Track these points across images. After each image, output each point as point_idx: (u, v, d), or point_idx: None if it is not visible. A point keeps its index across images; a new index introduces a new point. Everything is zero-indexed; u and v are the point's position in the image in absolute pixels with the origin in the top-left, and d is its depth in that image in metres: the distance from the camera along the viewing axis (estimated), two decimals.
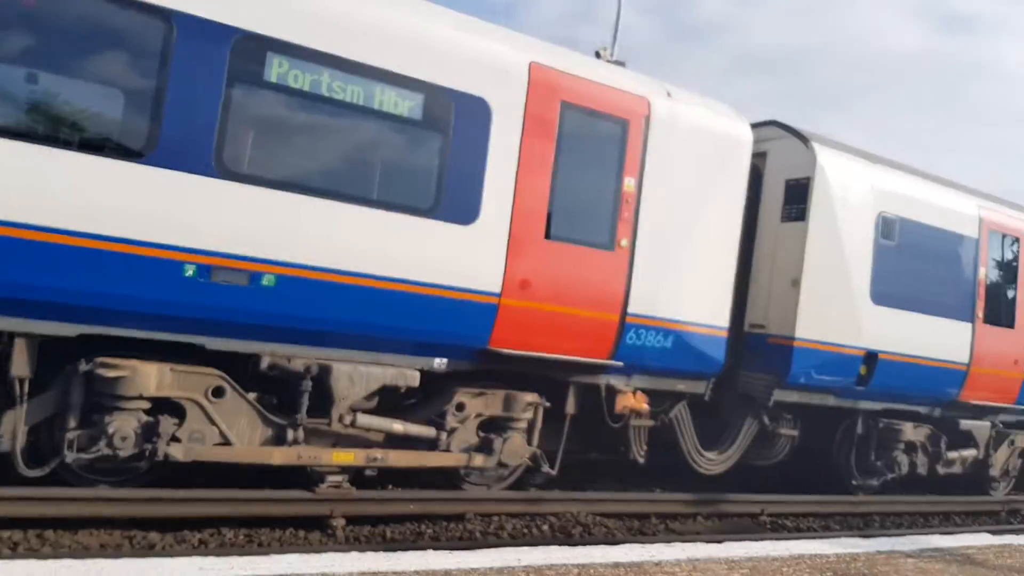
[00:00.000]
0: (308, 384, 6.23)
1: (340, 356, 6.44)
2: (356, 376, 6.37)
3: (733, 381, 9.14)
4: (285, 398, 6.40)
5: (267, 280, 5.91)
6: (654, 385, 8.09)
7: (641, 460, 8.33)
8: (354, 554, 3.96)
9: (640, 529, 7.81)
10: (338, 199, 6.13)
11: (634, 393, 8.00)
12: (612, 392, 7.88)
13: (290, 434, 6.29)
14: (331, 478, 6.56)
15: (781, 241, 9.12)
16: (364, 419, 6.55)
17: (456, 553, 4.20)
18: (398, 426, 6.76)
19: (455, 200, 6.61)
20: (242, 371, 6.27)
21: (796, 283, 8.81)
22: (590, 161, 7.37)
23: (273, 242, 5.89)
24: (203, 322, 5.85)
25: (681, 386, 8.28)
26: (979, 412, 10.78)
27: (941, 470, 10.56)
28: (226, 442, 6.09)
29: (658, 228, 7.71)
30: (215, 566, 3.52)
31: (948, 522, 10.27)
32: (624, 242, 7.51)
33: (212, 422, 6.03)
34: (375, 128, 6.40)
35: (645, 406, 8.04)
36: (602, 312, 7.42)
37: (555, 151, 7.12)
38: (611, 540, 7.08)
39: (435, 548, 5.42)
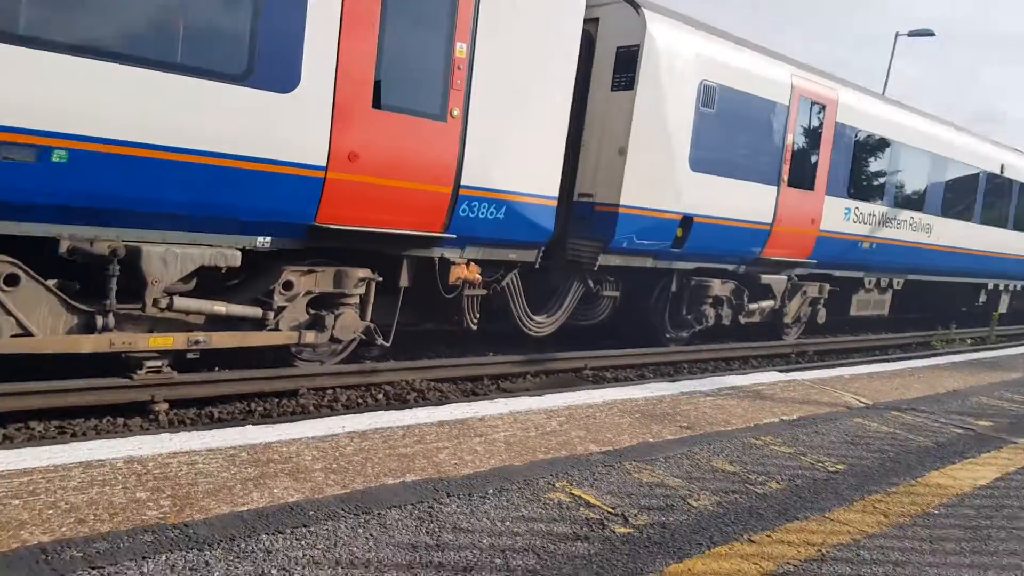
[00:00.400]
0: (115, 268, 5.86)
1: (152, 237, 6.11)
2: (170, 257, 6.10)
3: (561, 248, 9.58)
4: (94, 284, 6.07)
5: (58, 156, 5.39)
6: (487, 256, 8.32)
7: (474, 327, 8.69)
8: (164, 435, 3.93)
9: (473, 391, 8.28)
10: (137, 64, 5.61)
11: (467, 264, 8.22)
12: (446, 264, 8.03)
13: (100, 321, 5.96)
14: (150, 364, 6.36)
15: (610, 110, 9.31)
16: (182, 302, 6.34)
17: (277, 426, 4.28)
18: (220, 307, 6.60)
19: (271, 65, 6.23)
20: (40, 257, 5.80)
21: (623, 152, 9.15)
22: (419, 25, 7.11)
23: (63, 113, 5.33)
24: None
25: (513, 255, 8.57)
26: (778, 267, 11.95)
27: (743, 320, 11.73)
28: (27, 333, 5.72)
29: (491, 98, 7.65)
30: (4, 459, 3.43)
31: (747, 365, 11.53)
32: (456, 112, 7.45)
33: (7, 312, 5.61)
34: None
35: (478, 276, 8.29)
36: (435, 185, 7.42)
37: (381, 13, 6.81)
38: (440, 402, 7.50)
39: (254, 423, 5.50)
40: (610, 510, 3.65)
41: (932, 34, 27.77)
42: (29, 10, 5.22)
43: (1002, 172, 17.20)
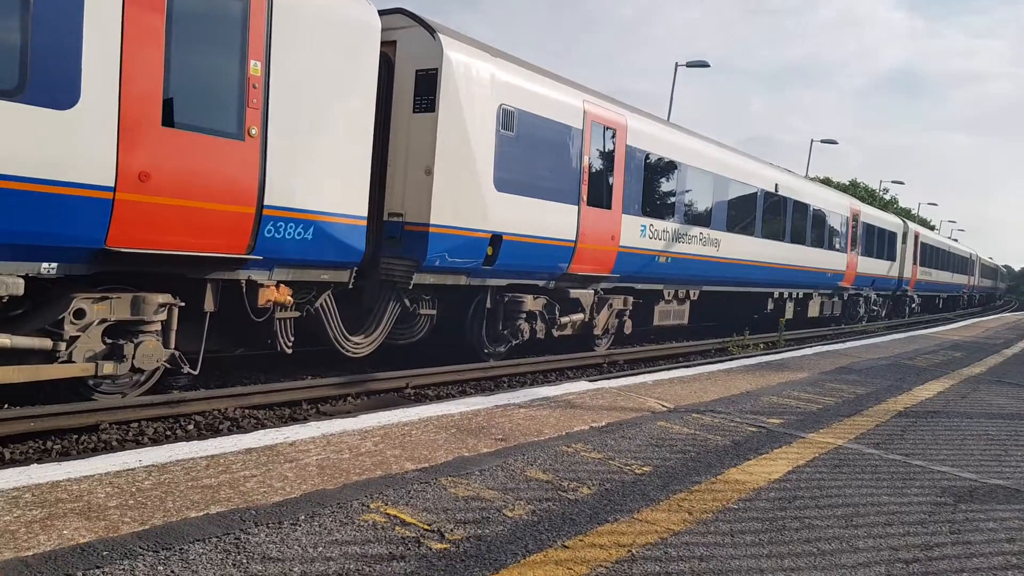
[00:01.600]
0: None
1: None
2: None
3: (375, 268, 9.57)
4: None
5: None
6: (297, 276, 8.17)
7: (289, 351, 8.47)
8: None
9: (292, 416, 8.03)
10: None
11: (277, 286, 8.01)
12: (254, 287, 7.81)
13: None
14: None
15: (414, 131, 9.51)
16: None
17: (65, 463, 3.96)
18: (4, 339, 6.04)
19: (46, 80, 5.81)
20: None
21: (429, 172, 9.33)
22: (210, 42, 6.91)
23: None
24: None
25: (325, 276, 8.46)
26: (584, 282, 12.60)
27: (556, 333, 12.25)
28: None
29: (291, 116, 7.59)
30: None
31: (563, 376, 12.01)
32: (254, 131, 7.29)
33: None
34: None
35: (289, 299, 8.11)
36: (236, 205, 7.21)
37: (167, 27, 6.54)
38: (251, 429, 7.23)
39: (42, 462, 5.06)
40: (426, 527, 3.69)
41: (707, 65, 30.46)
42: None
43: (777, 191, 19.16)
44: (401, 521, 3.73)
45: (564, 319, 12.28)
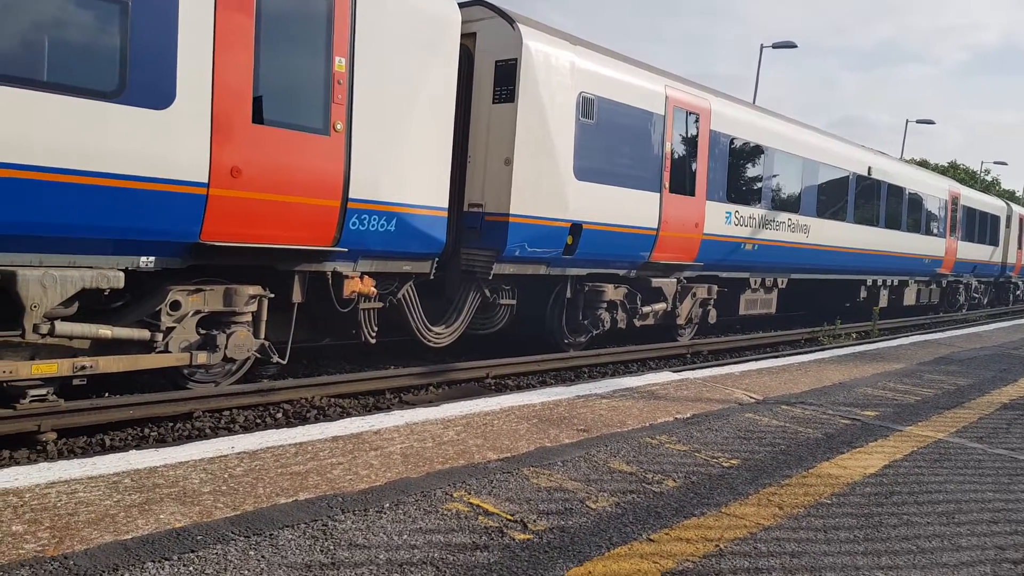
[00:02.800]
0: None
1: (28, 261, 5.84)
2: (48, 281, 5.83)
3: (456, 258, 9.64)
4: None
5: None
6: (380, 268, 8.30)
7: (372, 341, 8.62)
8: (42, 464, 3.74)
9: (376, 405, 8.19)
10: (4, 83, 5.36)
11: (361, 277, 8.16)
12: (339, 278, 7.97)
13: None
14: (34, 392, 6.08)
15: (494, 122, 9.52)
16: (64, 327, 6.07)
17: (163, 450, 4.12)
18: (105, 331, 6.35)
19: (144, 82, 6.05)
20: None
21: (509, 162, 9.33)
22: (296, 40, 7.07)
23: None
24: None
25: (407, 267, 8.57)
26: (667, 270, 12.38)
27: (638, 323, 12.09)
28: None
29: (374, 111, 7.70)
30: None
31: (645, 367, 11.85)
32: (339, 126, 7.42)
33: None
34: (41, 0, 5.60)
35: (372, 289, 8.25)
36: (322, 199, 7.36)
37: (256, 27, 6.73)
38: (336, 417, 7.39)
39: (140, 448, 5.29)
40: (509, 517, 3.68)
41: (794, 46, 29.44)
42: None
43: (869, 174, 18.38)
44: (484, 511, 3.73)
45: (646, 308, 12.10)
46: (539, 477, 4.29)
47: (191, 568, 2.89)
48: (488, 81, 9.58)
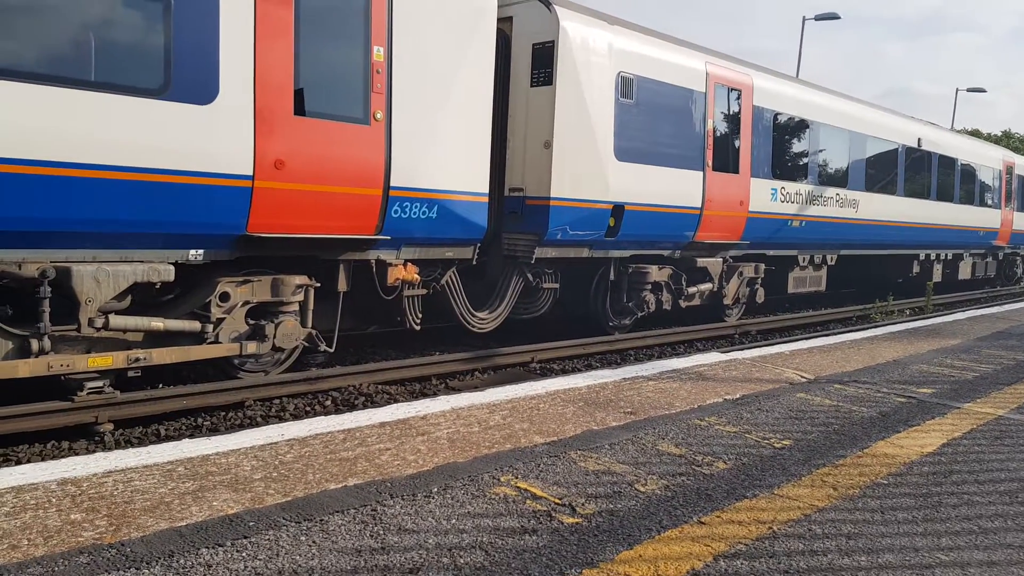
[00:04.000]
0: (47, 290, 5.77)
1: (82, 256, 6.00)
2: (102, 276, 5.98)
3: (498, 243, 9.63)
4: (25, 308, 5.92)
5: None
6: (423, 255, 8.33)
7: (417, 328, 8.67)
8: (99, 454, 3.84)
9: (422, 391, 8.25)
10: (52, 83, 5.50)
11: (404, 265, 8.20)
12: (383, 266, 8.02)
13: (35, 345, 5.85)
14: (91, 385, 6.26)
15: (532, 105, 9.46)
16: (118, 320, 6.22)
17: (214, 438, 4.21)
18: (158, 323, 6.49)
19: (188, 78, 6.15)
20: None
21: (548, 145, 9.26)
22: (334, 31, 7.11)
23: None
24: None
25: (449, 253, 8.59)
26: (712, 250, 12.20)
27: (683, 304, 11.95)
28: None
29: (413, 99, 7.70)
30: None
31: (692, 348, 11.73)
32: (379, 115, 7.45)
33: None
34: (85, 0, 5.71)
35: (416, 276, 8.28)
36: (364, 188, 7.41)
37: (295, 20, 6.78)
38: (384, 404, 7.46)
39: (194, 437, 5.41)
40: (557, 501, 3.67)
41: (838, 17, 28.64)
42: None
43: (919, 146, 17.84)
44: (532, 495, 3.72)
45: (691, 289, 11.95)
46: (586, 460, 4.27)
47: (244, 554, 2.94)
48: (526, 64, 9.51)
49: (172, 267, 6.40)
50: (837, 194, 14.64)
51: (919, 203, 17.78)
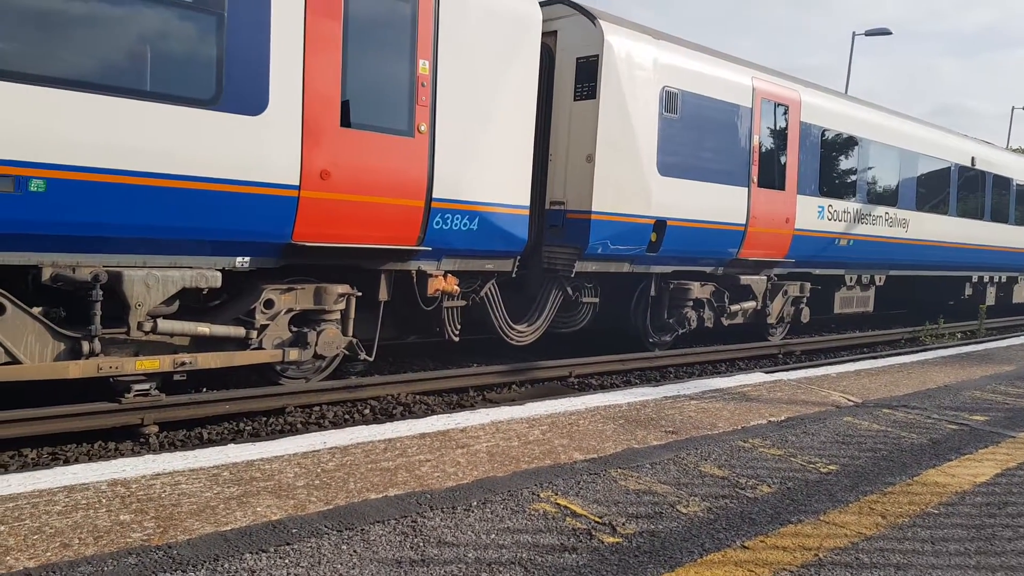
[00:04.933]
0: (99, 293, 5.91)
1: (132, 261, 6.14)
2: (151, 281, 6.11)
3: (537, 256, 9.62)
4: (77, 310, 6.07)
5: (36, 185, 5.43)
6: (463, 266, 8.35)
7: (456, 339, 8.69)
8: (147, 456, 3.91)
9: (459, 403, 8.24)
10: (109, 93, 5.66)
11: (444, 276, 8.23)
12: (423, 277, 8.06)
13: (86, 347, 6.00)
14: (138, 387, 6.38)
15: (575, 119, 9.45)
16: (166, 324, 6.34)
17: (259, 444, 4.26)
18: (204, 328, 6.60)
19: (239, 89, 6.28)
20: (23, 285, 5.88)
21: (590, 159, 9.24)
22: (381, 44, 7.20)
23: (39, 143, 5.38)
24: None
25: (489, 265, 8.60)
26: (756, 267, 12.03)
27: (726, 322, 11.78)
28: (14, 361, 5.74)
29: (457, 112, 7.75)
30: None
31: (734, 368, 11.55)
32: (423, 127, 7.51)
33: None
34: (140, 12, 5.86)
35: (456, 288, 8.31)
36: (407, 199, 7.46)
37: (343, 33, 6.89)
38: (425, 414, 7.48)
39: (237, 442, 5.47)
40: (597, 519, 3.63)
41: (889, 32, 28.15)
42: (1, 44, 5.23)
43: (973, 164, 17.42)
44: (572, 512, 3.68)
45: (734, 307, 11.79)
46: (627, 479, 4.22)
47: (287, 560, 2.95)
48: (569, 78, 9.52)
49: (219, 273, 6.51)
50: (886, 213, 14.35)
51: (972, 223, 17.35)
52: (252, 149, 6.37)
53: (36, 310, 5.87)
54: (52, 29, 5.48)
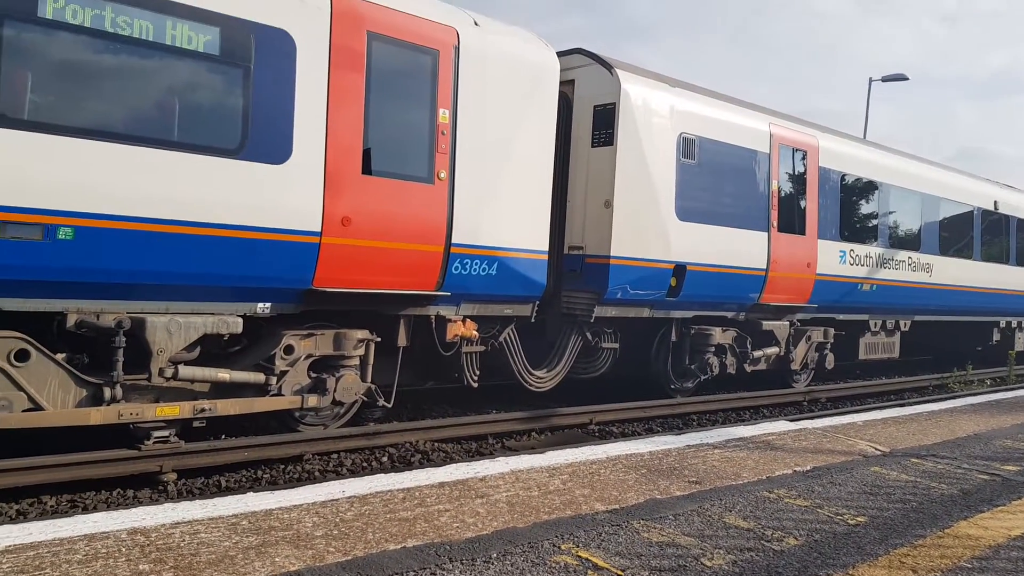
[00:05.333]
0: (121, 340, 5.95)
1: (155, 308, 6.19)
2: (173, 327, 6.15)
3: (556, 301, 9.60)
4: (99, 356, 6.11)
5: (64, 233, 5.53)
6: (482, 312, 8.35)
7: (475, 385, 8.64)
8: (167, 505, 3.89)
9: (478, 450, 8.16)
10: (136, 143, 5.78)
11: (463, 321, 8.22)
12: (442, 322, 8.06)
13: (107, 393, 6.02)
14: (157, 434, 6.37)
15: (593, 165, 9.52)
16: (186, 371, 6.36)
17: (277, 492, 4.22)
18: (224, 375, 6.61)
19: (263, 139, 6.39)
20: (48, 330, 5.94)
21: (609, 204, 9.28)
22: (402, 94, 7.33)
23: (67, 192, 5.49)
24: None
25: (508, 310, 8.59)
26: (778, 312, 11.92)
27: (749, 368, 11.65)
28: (37, 407, 5.77)
29: (475, 159, 7.84)
30: (9, 534, 3.38)
31: (758, 415, 11.39)
32: (443, 174, 7.59)
33: (18, 387, 5.66)
34: (169, 66, 6.02)
35: (475, 333, 8.29)
36: (426, 245, 7.51)
37: (365, 84, 7.03)
38: (443, 462, 7.40)
39: (255, 490, 5.43)
40: (619, 572, 3.55)
41: (905, 78, 28.19)
42: (29, 96, 5.37)
43: (996, 208, 17.29)
44: (593, 565, 3.60)
45: (757, 353, 11.66)
46: (650, 531, 4.13)
47: None
48: (587, 125, 9.61)
49: (240, 319, 6.54)
50: (909, 257, 14.23)
51: (997, 268, 17.14)
52: (275, 197, 6.46)
53: (60, 356, 5.92)
54: (82, 81, 5.62)
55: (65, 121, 5.51)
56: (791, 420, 8.49)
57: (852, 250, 12.78)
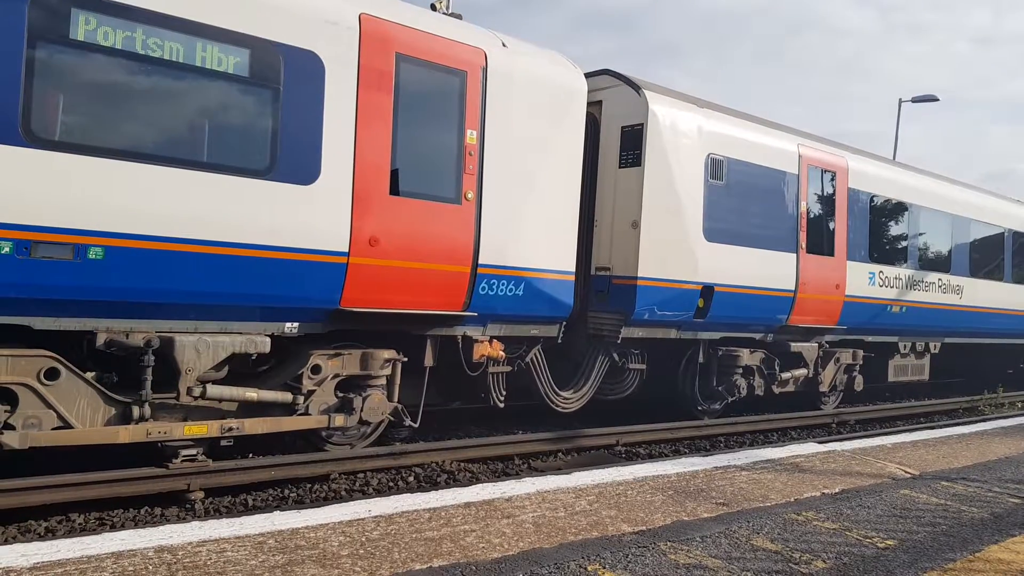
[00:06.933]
0: (150, 358, 6.02)
1: (184, 327, 6.27)
2: (202, 346, 6.22)
3: (583, 322, 9.58)
4: (128, 374, 6.19)
5: (94, 253, 5.63)
6: (509, 332, 8.35)
7: (501, 405, 8.63)
8: (194, 523, 3.92)
9: (504, 471, 8.14)
10: (166, 164, 5.88)
11: (490, 341, 8.23)
12: (469, 342, 8.07)
13: (136, 411, 6.08)
14: (185, 452, 6.43)
15: (620, 186, 9.53)
16: (215, 390, 6.41)
17: (304, 512, 4.24)
18: (252, 394, 6.66)
19: (292, 160, 6.49)
20: (78, 349, 6.02)
21: (636, 225, 9.27)
22: (430, 115, 7.40)
23: (98, 213, 5.60)
24: (27, 301, 5.51)
25: (535, 331, 8.59)
26: (807, 334, 11.79)
27: (776, 390, 11.52)
28: (67, 425, 5.84)
29: (503, 179, 7.88)
30: (38, 551, 3.42)
31: (786, 437, 11.24)
32: (470, 195, 7.63)
33: (48, 406, 5.75)
34: (199, 87, 6.13)
35: (501, 353, 8.29)
36: (453, 265, 7.54)
37: (394, 105, 7.11)
38: (469, 483, 7.37)
39: (282, 509, 5.45)
40: None
41: (936, 99, 27.93)
42: (61, 116, 5.49)
43: None
44: None
45: (785, 374, 11.53)
46: (677, 553, 4.09)
47: None
48: (614, 146, 9.64)
49: (268, 339, 6.60)
50: (939, 279, 14.04)
51: None
52: (304, 217, 6.53)
53: (89, 375, 5.99)
54: (113, 102, 5.74)
55: (95, 142, 5.61)
56: (820, 442, 8.38)
57: (881, 271, 12.64)
